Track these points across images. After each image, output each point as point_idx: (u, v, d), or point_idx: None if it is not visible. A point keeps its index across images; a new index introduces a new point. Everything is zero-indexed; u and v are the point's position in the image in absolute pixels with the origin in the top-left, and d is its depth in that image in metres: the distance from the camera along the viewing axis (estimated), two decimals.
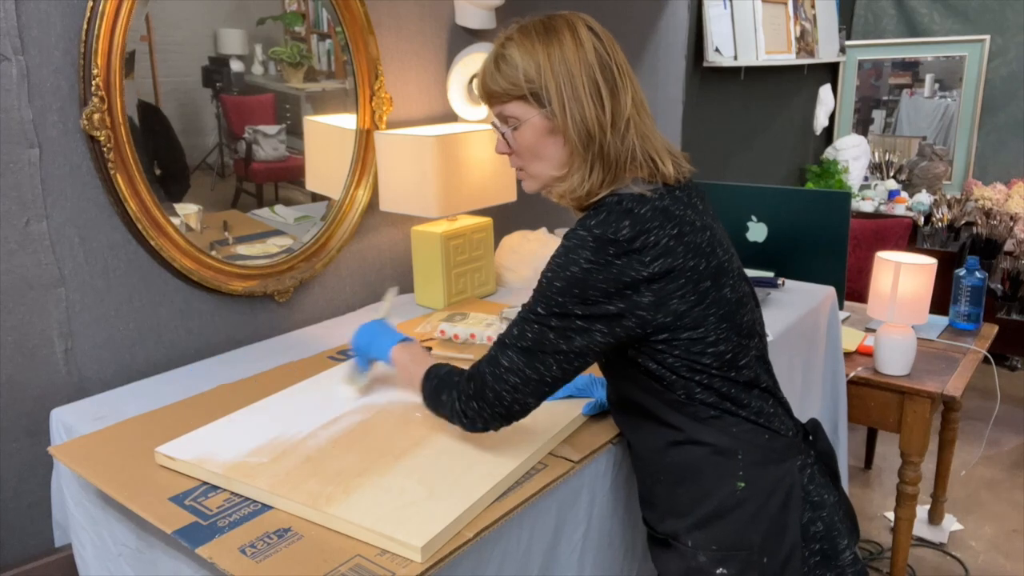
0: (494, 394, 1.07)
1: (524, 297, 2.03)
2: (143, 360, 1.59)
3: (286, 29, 1.77)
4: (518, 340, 1.07)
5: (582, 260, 1.02)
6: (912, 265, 1.99)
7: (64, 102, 1.41)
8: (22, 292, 1.40)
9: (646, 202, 1.05)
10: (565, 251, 1.04)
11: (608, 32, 1.12)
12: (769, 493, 1.10)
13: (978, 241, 3.74)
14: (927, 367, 2.09)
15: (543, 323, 1.05)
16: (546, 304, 1.04)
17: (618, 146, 1.07)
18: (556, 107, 1.06)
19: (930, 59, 4.49)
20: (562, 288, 1.03)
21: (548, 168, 1.12)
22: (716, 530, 1.11)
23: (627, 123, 1.08)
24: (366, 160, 1.96)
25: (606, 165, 1.07)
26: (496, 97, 1.11)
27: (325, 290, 1.94)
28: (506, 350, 1.08)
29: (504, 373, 1.07)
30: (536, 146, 1.11)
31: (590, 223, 1.03)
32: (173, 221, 1.58)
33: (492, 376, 1.08)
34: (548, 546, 1.18)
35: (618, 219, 1.02)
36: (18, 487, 1.44)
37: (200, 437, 1.21)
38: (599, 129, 1.06)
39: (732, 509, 1.10)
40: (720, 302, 1.08)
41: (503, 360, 1.07)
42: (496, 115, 1.14)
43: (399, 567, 0.92)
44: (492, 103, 1.13)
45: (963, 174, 4.42)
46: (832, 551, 1.13)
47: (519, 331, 1.07)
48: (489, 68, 1.11)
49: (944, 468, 2.55)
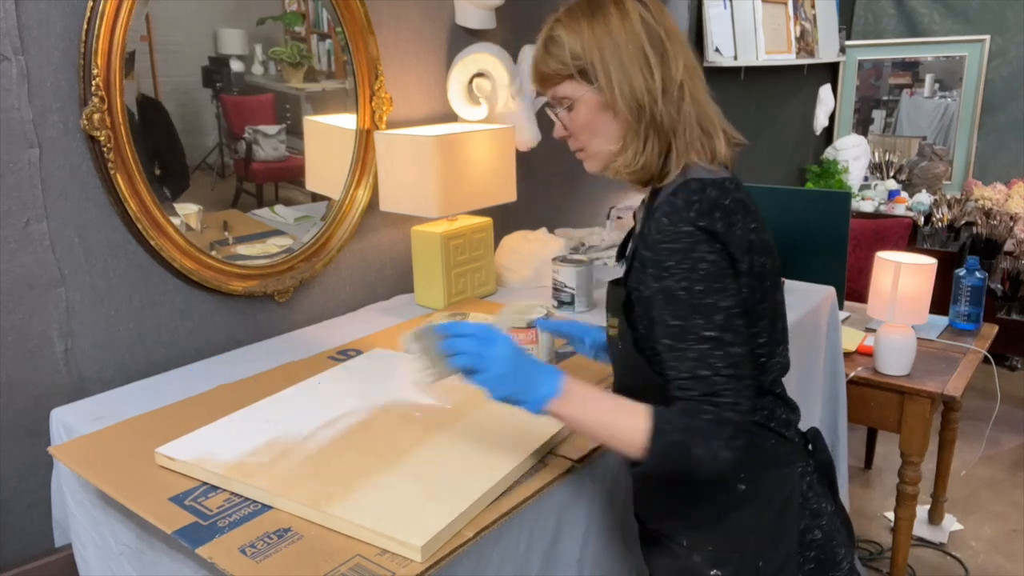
0: (740, 409, 0.99)
1: (524, 297, 2.04)
2: (143, 360, 1.59)
3: (286, 29, 1.77)
4: (716, 364, 0.97)
5: (706, 253, 0.98)
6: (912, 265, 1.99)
7: (64, 102, 1.41)
8: (22, 292, 1.40)
9: (727, 193, 1.02)
10: (682, 254, 0.98)
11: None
12: (769, 497, 1.10)
13: (978, 241, 3.74)
14: (927, 367, 2.09)
15: (713, 328, 0.98)
16: (702, 313, 0.98)
17: (672, 115, 1.05)
18: (603, 80, 1.05)
19: (930, 59, 4.49)
20: (705, 288, 0.98)
21: (604, 144, 1.10)
22: (713, 531, 1.11)
23: (680, 89, 1.05)
24: (366, 160, 1.96)
25: (661, 135, 1.05)
26: (548, 79, 1.10)
27: (325, 290, 1.94)
28: (713, 375, 0.97)
29: (733, 393, 0.98)
30: (591, 123, 1.09)
31: (689, 215, 0.98)
32: (173, 221, 1.58)
33: (730, 406, 0.97)
34: (548, 546, 1.18)
35: (710, 210, 0.99)
36: (18, 487, 1.44)
37: (200, 437, 1.21)
38: (649, 98, 1.04)
39: (731, 511, 1.10)
40: (773, 303, 1.08)
41: (725, 386, 0.97)
42: (551, 98, 1.13)
43: (399, 567, 0.92)
44: (545, 86, 1.12)
45: (963, 174, 4.42)
46: (829, 561, 1.12)
47: (701, 356, 0.98)
48: (539, 52, 1.10)
49: (944, 468, 2.55)
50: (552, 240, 2.19)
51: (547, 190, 2.62)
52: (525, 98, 2.18)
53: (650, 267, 1.01)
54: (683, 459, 0.98)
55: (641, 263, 1.05)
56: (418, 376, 1.08)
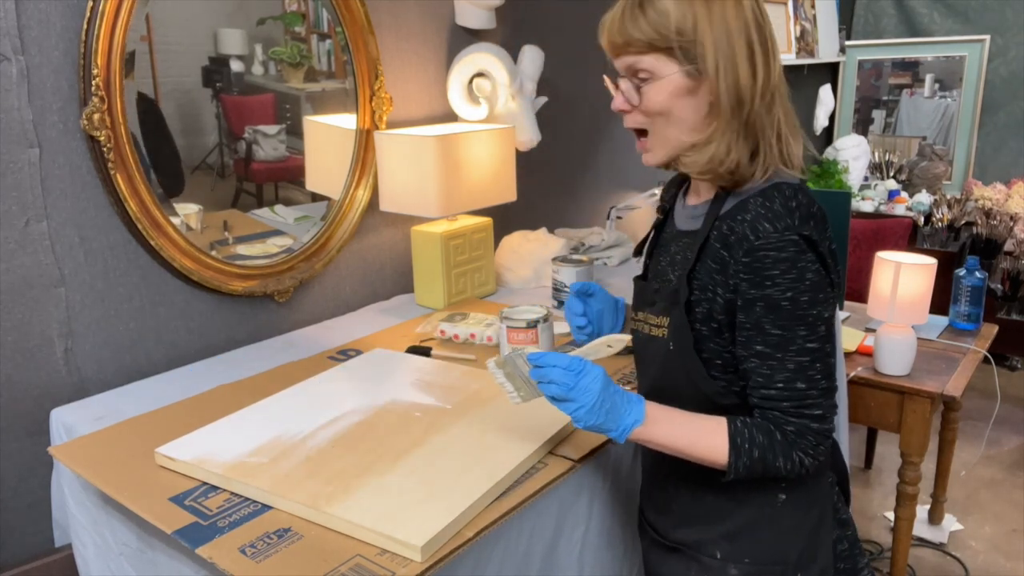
0: (826, 419, 0.99)
1: (524, 297, 2.04)
2: (143, 360, 1.59)
3: (286, 29, 1.77)
4: (813, 376, 0.96)
5: (809, 263, 0.95)
6: (912, 265, 1.99)
7: (64, 102, 1.41)
8: (22, 292, 1.40)
9: (814, 201, 0.99)
10: (789, 264, 0.94)
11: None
12: (808, 506, 1.07)
13: (978, 241, 3.74)
14: (927, 367, 2.08)
15: (815, 340, 0.96)
16: (806, 324, 0.95)
17: (763, 117, 0.99)
18: (710, 67, 0.95)
19: (930, 59, 4.49)
20: (810, 299, 0.95)
21: (680, 133, 1.00)
22: (751, 542, 1.05)
23: (773, 94, 0.99)
24: (366, 160, 1.96)
25: (750, 136, 0.99)
26: (630, 45, 0.98)
27: (325, 290, 1.94)
28: (809, 387, 0.97)
29: (822, 405, 0.98)
30: (669, 106, 0.99)
31: (793, 223, 0.95)
32: (173, 221, 1.58)
33: (817, 417, 0.97)
34: (548, 546, 1.18)
35: (807, 218, 0.96)
36: (18, 487, 1.44)
37: (200, 437, 1.21)
38: (750, 95, 0.96)
39: (770, 521, 1.05)
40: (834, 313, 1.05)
41: (817, 398, 0.97)
42: (623, 67, 1.01)
43: (399, 567, 0.92)
44: (621, 52, 0.99)
45: (963, 174, 4.42)
46: (853, 571, 1.11)
47: (799, 367, 0.96)
48: (629, 11, 0.97)
49: (944, 468, 2.55)
50: (552, 240, 2.19)
51: (547, 190, 2.62)
52: (525, 98, 2.18)
53: (745, 273, 0.96)
54: (765, 472, 0.98)
55: (719, 264, 0.99)
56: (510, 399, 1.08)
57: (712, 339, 1.01)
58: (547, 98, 2.29)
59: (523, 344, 1.43)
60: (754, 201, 0.98)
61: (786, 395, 0.96)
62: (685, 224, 1.09)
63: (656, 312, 1.08)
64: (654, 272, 1.14)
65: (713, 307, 1.00)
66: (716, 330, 1.01)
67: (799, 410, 0.96)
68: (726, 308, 0.99)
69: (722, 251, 0.99)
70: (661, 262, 1.12)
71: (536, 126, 2.21)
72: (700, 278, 1.01)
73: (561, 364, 0.98)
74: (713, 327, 1.01)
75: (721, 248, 0.99)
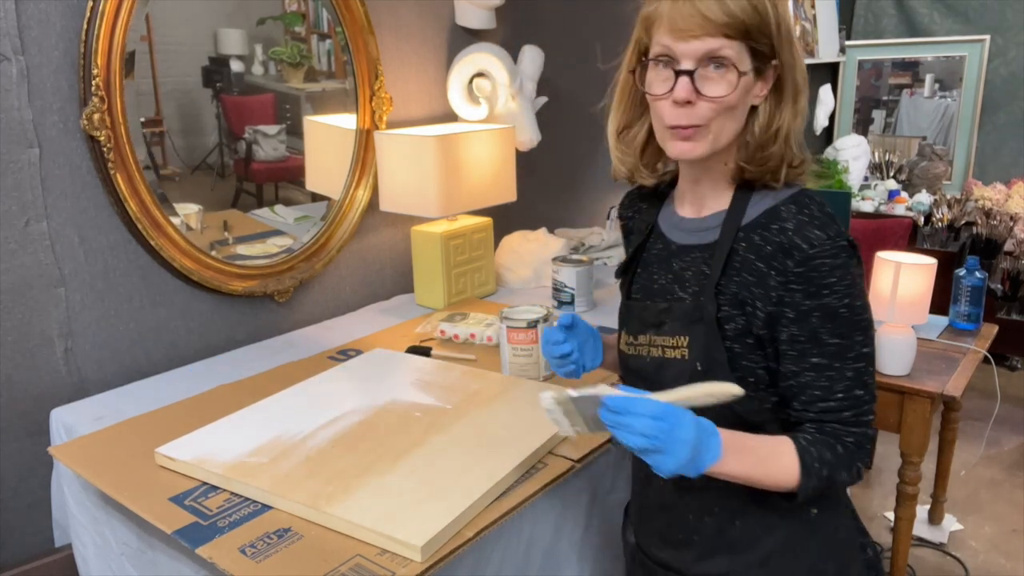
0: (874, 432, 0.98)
1: (524, 297, 2.04)
2: (143, 360, 1.59)
3: (286, 29, 1.77)
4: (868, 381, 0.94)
5: (855, 267, 0.93)
6: (912, 265, 1.99)
7: (64, 102, 1.41)
8: (22, 292, 1.40)
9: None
10: (843, 270, 0.91)
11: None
12: (838, 516, 1.04)
13: (978, 241, 3.74)
14: (927, 367, 2.08)
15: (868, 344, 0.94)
16: (861, 329, 0.93)
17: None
18: (786, 59, 0.92)
19: (930, 59, 4.49)
20: (863, 303, 0.93)
21: (737, 127, 0.95)
22: (787, 565, 1.00)
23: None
24: (366, 160, 1.96)
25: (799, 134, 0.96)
26: (726, 27, 0.88)
27: (325, 290, 1.94)
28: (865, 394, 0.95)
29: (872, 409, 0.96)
30: (736, 101, 0.92)
31: (839, 228, 0.92)
32: (173, 221, 1.58)
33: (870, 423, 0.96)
34: (548, 546, 1.18)
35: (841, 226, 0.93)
36: (18, 487, 1.44)
37: (200, 437, 1.21)
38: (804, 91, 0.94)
39: (805, 539, 1.00)
40: None
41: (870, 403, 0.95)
42: (698, 52, 0.89)
43: (399, 567, 0.92)
44: (708, 33, 0.88)
45: (963, 174, 4.41)
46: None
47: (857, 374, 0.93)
48: None
49: (944, 468, 2.55)
50: (552, 240, 2.19)
51: (547, 190, 2.62)
52: (525, 98, 2.18)
53: (798, 283, 0.91)
54: (829, 489, 0.94)
55: (756, 277, 0.94)
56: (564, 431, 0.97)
57: (746, 356, 0.96)
58: (547, 98, 2.29)
59: (525, 344, 1.42)
60: (787, 209, 0.94)
61: (846, 404, 0.93)
62: (687, 238, 1.03)
63: (668, 332, 1.01)
64: (650, 292, 1.06)
65: (752, 322, 0.94)
66: (751, 346, 0.95)
67: (857, 418, 0.93)
68: (767, 322, 0.94)
69: (758, 263, 0.94)
70: (659, 280, 1.05)
71: (536, 126, 2.21)
72: (729, 293, 0.96)
73: (649, 413, 0.85)
74: (748, 343, 0.95)
75: (757, 260, 0.94)
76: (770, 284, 0.93)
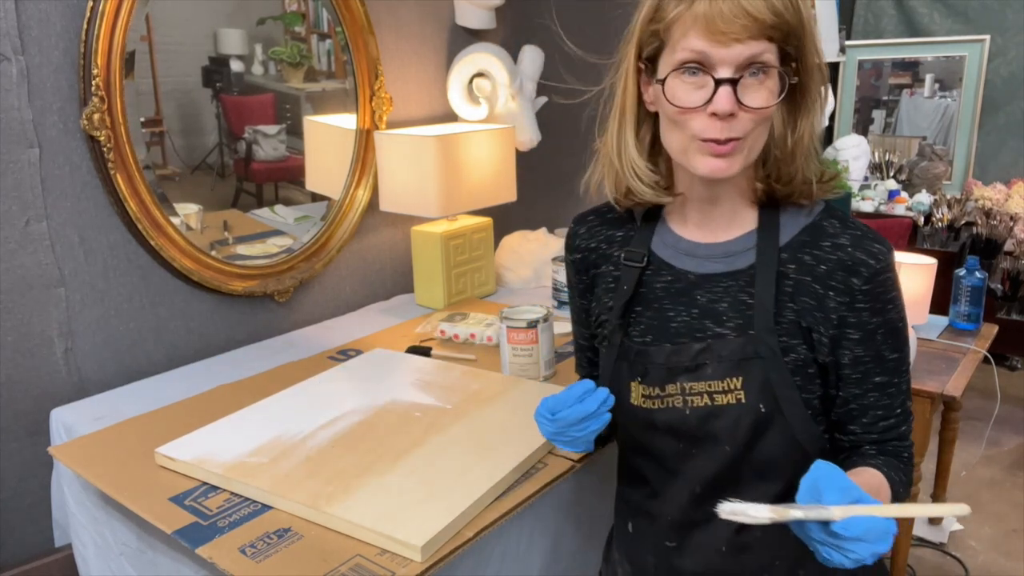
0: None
1: (524, 297, 2.04)
2: (143, 360, 1.59)
3: (286, 29, 1.77)
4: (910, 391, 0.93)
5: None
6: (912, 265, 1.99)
7: (64, 102, 1.41)
8: (22, 292, 1.41)
9: None
10: (896, 282, 0.88)
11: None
12: None
13: (978, 241, 3.74)
14: (927, 367, 2.08)
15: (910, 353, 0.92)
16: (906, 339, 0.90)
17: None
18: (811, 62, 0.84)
19: (930, 59, 4.49)
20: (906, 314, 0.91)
21: (764, 142, 0.86)
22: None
23: None
24: (366, 160, 1.96)
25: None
26: (772, 28, 0.79)
27: (325, 290, 1.94)
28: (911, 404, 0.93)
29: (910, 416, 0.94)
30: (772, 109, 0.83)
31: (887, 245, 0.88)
32: (173, 221, 1.58)
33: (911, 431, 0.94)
34: (549, 545, 1.18)
35: None
36: (18, 487, 1.44)
37: (200, 437, 1.21)
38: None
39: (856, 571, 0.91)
40: None
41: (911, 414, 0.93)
42: (741, 57, 0.79)
43: (399, 567, 0.92)
44: (752, 35, 0.78)
45: (963, 174, 4.41)
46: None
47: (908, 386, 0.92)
48: None
49: (944, 468, 2.55)
50: (552, 240, 2.19)
51: (547, 190, 2.62)
52: (525, 98, 2.18)
53: (865, 301, 0.86)
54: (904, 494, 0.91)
55: (816, 300, 0.87)
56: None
57: (805, 388, 0.88)
58: (547, 98, 2.29)
59: (525, 344, 1.42)
60: (830, 224, 0.89)
61: (903, 418, 0.90)
62: (709, 266, 0.93)
63: (714, 376, 0.89)
64: (665, 332, 0.93)
65: (818, 349, 0.87)
66: (811, 376, 0.88)
67: (909, 431, 0.91)
68: (831, 347, 0.88)
69: (814, 285, 0.87)
70: (676, 318, 0.93)
71: (536, 126, 2.21)
72: (787, 321, 0.87)
73: (863, 536, 0.72)
74: (809, 373, 0.88)
75: (813, 282, 0.87)
76: (830, 306, 0.87)
